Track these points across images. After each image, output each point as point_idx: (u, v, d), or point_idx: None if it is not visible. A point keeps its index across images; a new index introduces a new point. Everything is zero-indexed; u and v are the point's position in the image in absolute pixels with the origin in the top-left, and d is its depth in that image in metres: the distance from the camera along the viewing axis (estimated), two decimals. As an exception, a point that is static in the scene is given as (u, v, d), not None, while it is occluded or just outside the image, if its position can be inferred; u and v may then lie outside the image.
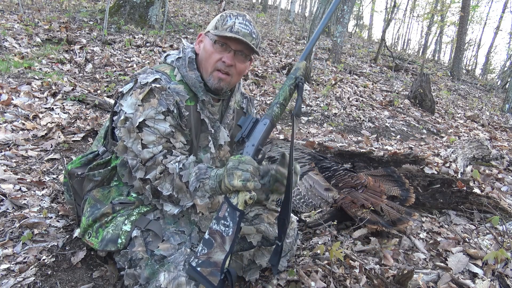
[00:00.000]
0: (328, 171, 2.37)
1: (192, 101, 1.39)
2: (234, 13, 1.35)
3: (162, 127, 1.29)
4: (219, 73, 1.36)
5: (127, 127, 1.29)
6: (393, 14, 12.52)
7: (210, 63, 1.35)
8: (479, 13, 21.66)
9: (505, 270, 1.73)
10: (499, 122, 7.42)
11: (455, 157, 3.35)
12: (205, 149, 1.46)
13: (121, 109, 1.31)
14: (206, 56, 1.36)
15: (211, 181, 1.24)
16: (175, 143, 1.33)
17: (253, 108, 1.67)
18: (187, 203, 1.29)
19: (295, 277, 1.57)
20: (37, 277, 1.43)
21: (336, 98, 5.92)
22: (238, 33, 1.30)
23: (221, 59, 1.33)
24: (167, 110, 1.30)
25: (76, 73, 4.38)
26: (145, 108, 1.28)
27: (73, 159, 1.73)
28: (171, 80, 1.37)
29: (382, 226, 1.92)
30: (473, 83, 12.90)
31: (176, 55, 1.44)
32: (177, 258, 1.23)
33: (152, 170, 1.28)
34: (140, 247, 1.29)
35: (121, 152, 1.33)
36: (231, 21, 1.32)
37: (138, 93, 1.29)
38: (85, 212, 1.46)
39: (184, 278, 1.17)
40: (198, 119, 1.41)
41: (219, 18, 1.35)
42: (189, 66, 1.39)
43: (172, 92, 1.33)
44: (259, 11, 14.37)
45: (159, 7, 7.09)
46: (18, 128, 2.67)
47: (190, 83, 1.38)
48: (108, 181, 1.53)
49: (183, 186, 1.27)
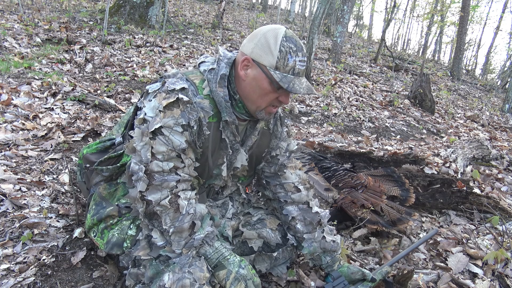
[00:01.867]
0: (328, 171, 2.37)
1: (215, 118, 1.32)
2: (293, 48, 1.21)
3: (177, 140, 1.21)
4: (272, 108, 1.31)
5: (142, 129, 1.22)
6: (393, 14, 12.51)
7: (265, 101, 1.28)
8: (479, 13, 21.68)
9: (505, 270, 1.73)
10: (499, 122, 7.42)
11: (455, 157, 3.35)
12: (218, 167, 1.41)
13: (143, 110, 1.25)
14: (260, 93, 1.26)
15: (211, 249, 1.26)
16: (185, 159, 1.25)
17: (283, 128, 1.54)
18: (176, 249, 1.23)
19: (295, 277, 1.57)
20: (37, 277, 1.43)
21: (336, 98, 5.92)
22: (298, 75, 1.24)
23: (278, 98, 1.28)
24: (188, 124, 1.22)
25: (76, 73, 4.39)
26: (166, 115, 1.21)
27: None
28: (198, 93, 1.29)
29: (382, 226, 1.92)
30: (473, 83, 12.90)
31: (210, 65, 1.32)
32: (183, 260, 1.23)
33: (156, 191, 1.21)
34: (143, 251, 1.29)
35: (129, 151, 1.28)
36: (292, 61, 1.21)
37: (162, 97, 1.22)
38: (90, 209, 1.45)
39: (189, 280, 1.17)
40: (219, 137, 1.35)
41: (279, 55, 1.20)
42: (220, 82, 1.28)
43: (197, 107, 1.25)
44: (259, 11, 14.37)
45: (159, 7, 7.09)
46: (18, 128, 2.67)
47: (217, 100, 1.29)
48: (116, 177, 1.49)
49: (186, 232, 1.22)
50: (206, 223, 1.26)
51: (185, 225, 1.21)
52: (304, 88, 1.23)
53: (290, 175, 1.54)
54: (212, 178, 1.44)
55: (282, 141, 1.54)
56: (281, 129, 1.53)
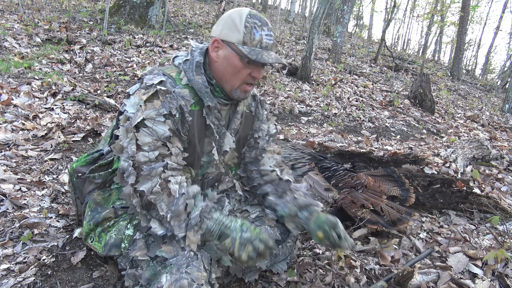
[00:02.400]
0: (328, 171, 2.37)
1: (197, 106, 1.35)
2: (257, 23, 1.27)
3: (161, 129, 1.25)
4: (246, 86, 1.33)
5: (126, 126, 1.26)
6: (393, 14, 12.52)
7: (238, 78, 1.31)
8: (479, 13, 21.68)
9: (505, 270, 1.73)
10: (499, 122, 7.42)
11: (455, 157, 3.35)
12: (208, 154, 1.44)
13: (125, 109, 1.29)
14: (232, 71, 1.30)
15: (211, 222, 1.26)
16: (171, 147, 1.28)
17: (263, 110, 1.61)
18: (179, 234, 1.24)
19: (295, 278, 1.57)
20: (37, 277, 1.43)
21: (336, 98, 5.92)
22: (267, 48, 1.28)
23: (250, 73, 1.31)
24: (169, 113, 1.27)
25: (76, 73, 4.39)
26: (147, 107, 1.25)
27: (74, 158, 1.72)
28: (177, 84, 1.33)
29: (382, 226, 1.92)
30: (473, 83, 12.90)
31: (184, 57, 1.38)
32: (180, 260, 1.23)
33: (146, 181, 1.23)
34: (140, 251, 1.29)
35: (117, 151, 1.30)
36: (258, 35, 1.26)
37: (142, 93, 1.27)
38: (86, 215, 1.45)
39: (186, 280, 1.17)
40: (203, 124, 1.38)
41: (245, 31, 1.25)
42: (196, 70, 1.34)
43: (177, 96, 1.30)
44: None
45: (159, 7, 7.09)
46: (18, 128, 2.67)
47: (196, 87, 1.34)
48: (109, 184, 1.52)
49: (183, 214, 1.24)
50: (198, 199, 1.28)
51: (181, 207, 1.23)
52: (273, 59, 1.28)
53: (267, 159, 1.60)
54: (204, 167, 1.46)
55: (264, 123, 1.61)
56: (262, 112, 1.60)
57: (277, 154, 1.64)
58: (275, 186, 1.58)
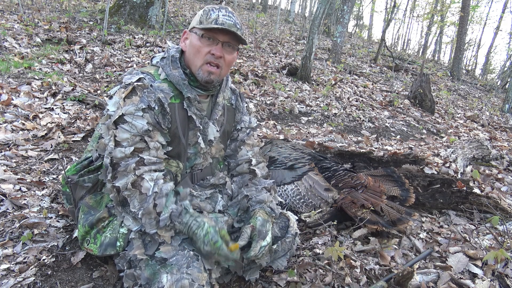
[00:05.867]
0: (328, 171, 2.36)
1: (177, 99, 1.40)
2: (216, 7, 1.37)
3: (140, 123, 1.28)
4: (209, 66, 1.37)
5: (107, 124, 1.30)
6: (393, 14, 12.51)
7: (199, 57, 1.36)
8: (479, 13, 21.68)
9: (505, 270, 1.73)
10: (499, 122, 7.42)
11: (455, 157, 3.35)
12: (194, 146, 1.48)
13: (107, 108, 1.34)
14: (194, 51, 1.37)
15: (181, 226, 1.29)
16: (150, 142, 1.31)
17: (243, 103, 1.68)
18: (151, 230, 1.28)
19: (295, 278, 1.57)
20: (37, 277, 1.43)
21: (336, 98, 5.92)
22: (223, 25, 1.32)
23: (209, 51, 1.35)
24: (148, 107, 1.31)
25: (76, 73, 4.38)
26: (126, 104, 1.29)
27: (74, 159, 1.73)
28: (155, 79, 1.38)
29: (382, 226, 1.92)
30: (473, 83, 12.90)
31: (161, 56, 1.47)
32: (180, 260, 1.23)
33: (122, 177, 1.26)
34: (138, 250, 1.29)
35: (101, 150, 1.36)
36: (214, 14, 1.33)
37: (121, 92, 1.32)
38: (80, 220, 1.46)
39: (187, 280, 1.17)
40: (185, 116, 1.42)
41: (202, 13, 1.36)
42: (173, 64, 1.41)
43: (155, 89, 1.34)
44: (259, 11, 14.37)
45: (159, 7, 7.09)
46: (18, 128, 2.67)
47: (174, 81, 1.39)
48: (100, 187, 1.54)
49: (153, 213, 1.26)
50: (170, 201, 1.30)
51: (151, 205, 1.26)
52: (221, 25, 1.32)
53: (245, 152, 1.66)
54: (191, 159, 1.49)
55: (245, 115, 1.67)
56: (242, 104, 1.67)
57: (256, 147, 1.70)
58: (241, 177, 1.65)
